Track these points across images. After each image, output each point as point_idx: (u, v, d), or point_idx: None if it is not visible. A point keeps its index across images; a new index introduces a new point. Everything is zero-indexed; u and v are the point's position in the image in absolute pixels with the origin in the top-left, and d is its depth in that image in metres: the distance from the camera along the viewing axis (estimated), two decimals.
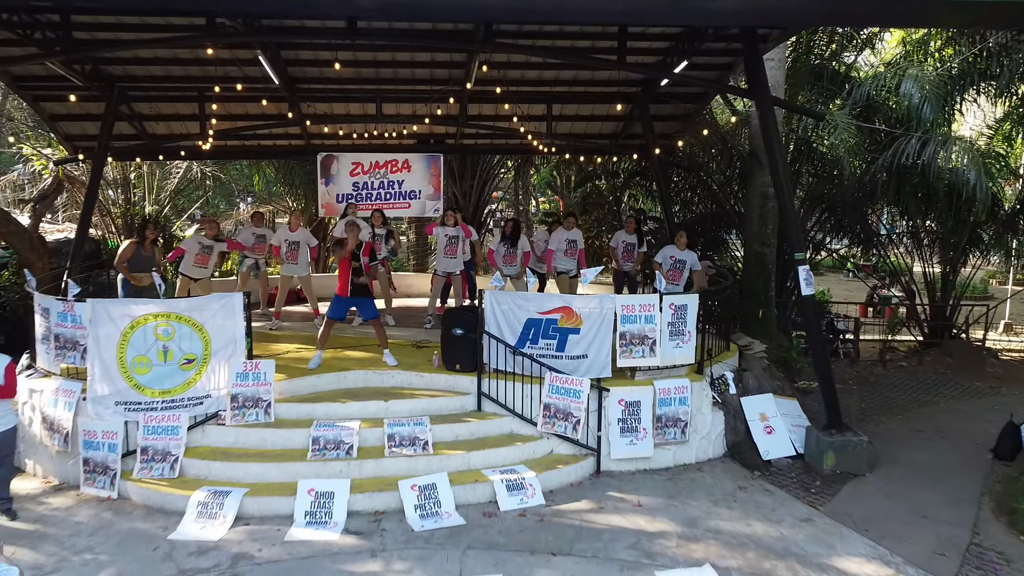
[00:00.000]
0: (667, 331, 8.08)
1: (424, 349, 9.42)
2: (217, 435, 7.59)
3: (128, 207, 15.45)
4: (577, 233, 11.10)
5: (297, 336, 10.31)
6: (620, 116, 13.11)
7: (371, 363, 8.82)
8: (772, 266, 12.27)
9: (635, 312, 7.97)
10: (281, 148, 13.57)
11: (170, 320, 7.53)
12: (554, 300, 8.06)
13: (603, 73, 11.59)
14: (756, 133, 12.05)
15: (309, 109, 12.20)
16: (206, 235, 10.26)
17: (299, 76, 11.37)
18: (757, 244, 12.15)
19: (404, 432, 7.52)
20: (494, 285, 8.24)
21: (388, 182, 12.64)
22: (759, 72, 7.88)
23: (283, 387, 8.07)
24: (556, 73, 11.57)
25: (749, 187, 12.22)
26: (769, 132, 7.85)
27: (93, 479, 7.29)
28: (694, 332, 8.25)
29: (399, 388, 8.41)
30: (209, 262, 10.29)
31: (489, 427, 7.92)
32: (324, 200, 12.56)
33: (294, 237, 10.58)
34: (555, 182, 43.62)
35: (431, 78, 11.38)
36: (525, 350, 8.07)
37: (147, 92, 11.65)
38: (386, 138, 12.32)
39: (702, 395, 8.31)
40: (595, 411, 7.84)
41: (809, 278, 8.03)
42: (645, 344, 8.01)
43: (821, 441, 8.04)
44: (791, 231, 8.00)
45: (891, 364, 13.42)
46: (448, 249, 10.59)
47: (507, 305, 8.11)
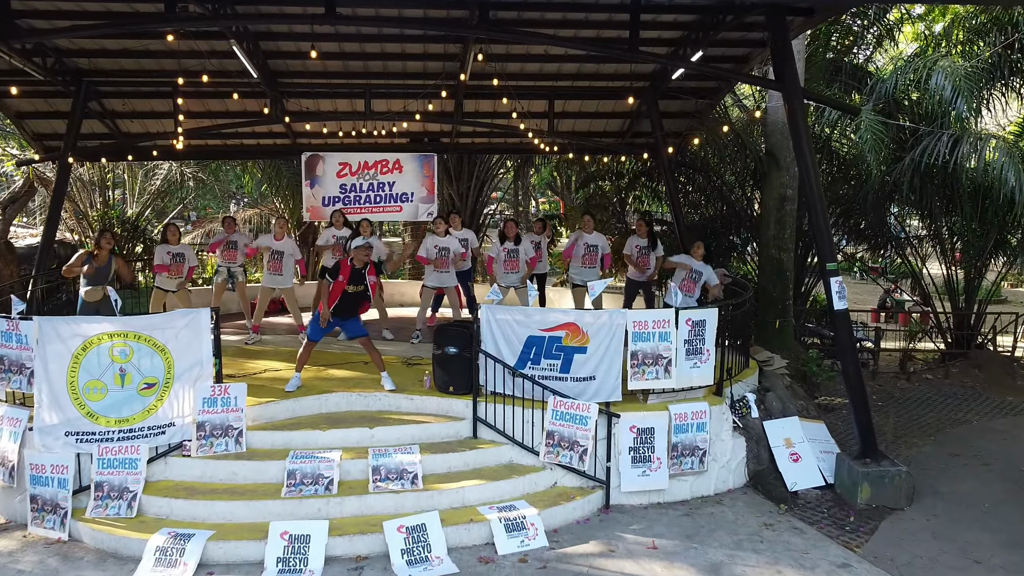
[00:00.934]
0: (683, 350, 7.28)
1: (415, 367, 8.62)
2: (181, 468, 6.78)
3: (106, 210, 14.62)
4: (599, 237, 10.22)
5: (278, 352, 9.49)
6: (626, 113, 12.31)
7: (356, 383, 8.01)
8: (790, 273, 11.48)
9: (648, 329, 7.17)
10: (265, 148, 12.77)
11: (128, 340, 6.72)
12: (558, 316, 7.25)
13: (608, 67, 10.80)
14: (773, 131, 11.25)
15: (294, 105, 11.39)
16: (170, 241, 9.44)
17: (281, 70, 10.57)
18: (774, 249, 11.34)
19: (391, 464, 6.72)
20: (491, 299, 7.43)
21: (378, 184, 11.81)
22: (788, 62, 7.07)
23: (257, 412, 7.27)
24: (558, 66, 10.77)
25: (765, 188, 11.41)
26: (799, 129, 7.04)
27: (42, 518, 6.49)
28: (713, 350, 7.45)
29: (386, 412, 7.60)
30: (183, 271, 9.48)
31: (486, 457, 7.12)
32: (309, 203, 11.72)
33: (279, 247, 9.74)
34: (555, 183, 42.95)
35: (424, 71, 10.58)
36: (526, 371, 7.27)
37: (118, 88, 10.85)
38: (375, 136, 11.49)
39: (722, 420, 7.50)
40: (604, 439, 7.04)
41: (842, 290, 7.23)
42: (659, 364, 7.21)
43: (854, 471, 7.24)
44: (822, 238, 7.20)
45: (915, 376, 12.61)
46: (439, 261, 9.74)
47: (506, 321, 7.30)
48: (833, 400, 11.06)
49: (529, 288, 7.42)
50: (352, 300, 7.73)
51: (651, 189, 16.40)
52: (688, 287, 8.99)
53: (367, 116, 10.94)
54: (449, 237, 9.75)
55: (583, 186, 16.17)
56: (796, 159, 7.76)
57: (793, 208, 11.35)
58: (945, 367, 12.80)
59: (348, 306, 7.75)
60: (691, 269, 9.11)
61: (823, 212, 7.14)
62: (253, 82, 10.19)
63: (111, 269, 8.28)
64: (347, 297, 7.70)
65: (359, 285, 7.73)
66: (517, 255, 9.86)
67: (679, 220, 11.38)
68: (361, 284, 7.74)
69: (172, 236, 9.45)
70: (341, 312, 7.76)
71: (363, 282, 7.75)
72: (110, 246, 8.29)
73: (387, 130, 11.68)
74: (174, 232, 9.50)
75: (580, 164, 16.91)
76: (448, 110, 11.69)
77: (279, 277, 9.75)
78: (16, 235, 15.18)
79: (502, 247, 9.83)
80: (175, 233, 9.51)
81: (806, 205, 7.36)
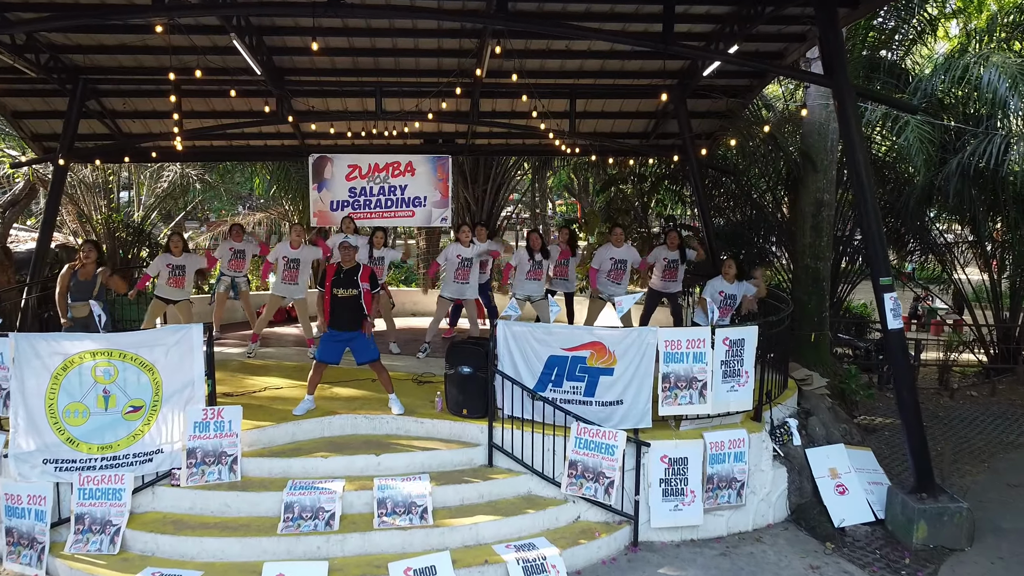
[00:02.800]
0: (720, 371, 6.63)
1: (426, 386, 8.00)
2: (170, 499, 6.21)
3: (111, 213, 14.13)
4: (629, 251, 9.44)
5: (281, 366, 8.91)
6: (651, 113, 11.65)
7: (362, 404, 7.41)
8: (826, 283, 10.77)
9: (681, 349, 6.52)
10: (272, 149, 12.19)
11: (112, 359, 6.15)
12: (582, 334, 6.61)
13: (634, 63, 10.14)
14: (810, 131, 10.56)
15: (302, 105, 10.83)
16: (173, 252, 8.86)
17: (287, 67, 10.00)
18: (809, 258, 10.64)
19: (398, 496, 6.11)
20: (509, 314, 6.80)
21: (389, 187, 11.19)
22: (839, 55, 6.39)
23: (254, 437, 6.69)
24: (580, 63, 10.12)
25: (800, 193, 10.71)
26: (850, 129, 6.36)
27: (17, 553, 5.94)
28: (752, 372, 6.79)
29: (394, 437, 7.00)
30: (185, 283, 8.91)
31: (502, 488, 6.49)
32: (316, 208, 11.12)
33: (295, 255, 9.10)
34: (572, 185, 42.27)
35: (438, 69, 9.97)
36: (546, 394, 6.64)
37: (118, 86, 10.32)
38: (387, 137, 10.88)
39: (761, 448, 6.84)
40: (632, 469, 6.41)
41: (897, 308, 6.55)
42: (693, 388, 6.55)
43: (909, 507, 6.55)
44: (876, 249, 6.50)
45: (958, 393, 11.85)
46: (459, 273, 9.13)
47: (525, 338, 6.68)
48: (873, 420, 10.35)
49: (551, 304, 6.74)
50: (344, 307, 7.05)
51: (674, 193, 15.74)
52: (722, 313, 8.27)
53: (378, 116, 10.34)
54: (473, 247, 9.13)
55: (604, 189, 15.49)
56: (848, 162, 7.09)
57: (830, 214, 10.65)
58: (991, 383, 12.03)
59: (343, 315, 7.06)
60: (724, 294, 8.30)
61: (877, 220, 6.46)
62: (258, 80, 9.63)
63: (97, 282, 7.70)
64: (338, 303, 7.04)
65: (349, 289, 7.06)
66: (543, 266, 9.22)
67: (709, 226, 10.69)
68: (352, 288, 7.07)
69: (175, 246, 8.84)
70: (339, 323, 7.09)
71: (353, 286, 7.08)
72: (93, 257, 7.70)
73: (399, 131, 11.08)
74: (177, 243, 8.88)
75: (601, 166, 16.25)
76: (463, 109, 11.09)
77: (293, 287, 9.13)
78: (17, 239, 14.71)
79: (529, 258, 9.16)
80: (178, 244, 8.90)
81: (858, 212, 6.69)
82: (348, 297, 7.03)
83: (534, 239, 9.21)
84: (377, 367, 7.20)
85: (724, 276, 8.32)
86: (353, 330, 7.08)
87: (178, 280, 8.82)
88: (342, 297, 7.01)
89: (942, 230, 14.46)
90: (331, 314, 7.05)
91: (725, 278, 8.31)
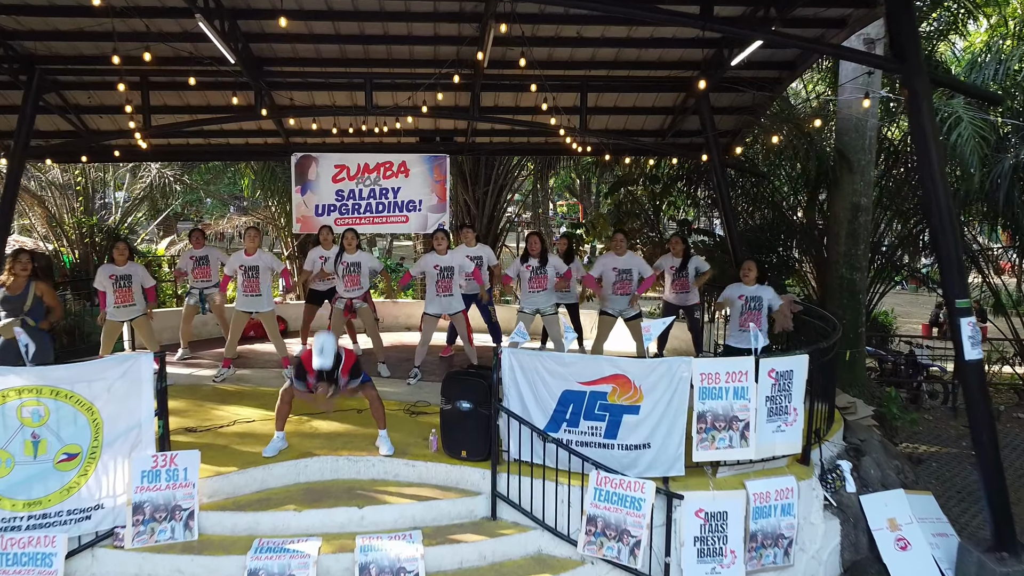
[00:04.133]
0: (764, 409, 5.62)
1: (420, 419, 6.99)
2: (112, 563, 5.21)
3: (83, 217, 13.11)
4: (632, 259, 8.33)
5: (256, 393, 7.86)
6: (668, 108, 10.64)
7: (345, 442, 6.40)
8: (863, 295, 9.80)
9: (720, 383, 5.52)
10: (254, 148, 11.13)
11: (42, 397, 5.15)
12: (602, 365, 5.60)
13: (652, 52, 9.14)
14: (846, 128, 9.60)
15: (285, 99, 9.82)
16: (116, 262, 7.83)
17: (267, 55, 8.99)
18: (844, 268, 9.67)
19: (384, 560, 5.12)
20: (516, 340, 5.78)
21: (380, 190, 10.16)
22: (911, 37, 5.39)
23: (215, 486, 5.68)
24: (592, 52, 9.12)
25: (834, 196, 9.75)
26: (924, 123, 5.34)
27: None
28: (801, 409, 5.79)
29: (381, 483, 5.99)
30: (133, 295, 7.84)
31: (508, 546, 5.50)
32: (300, 213, 10.07)
33: (251, 262, 8.11)
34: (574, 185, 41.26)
35: (435, 58, 8.96)
36: (560, 435, 5.65)
37: (80, 77, 9.32)
38: (378, 134, 9.83)
39: (811, 497, 5.85)
40: (661, 526, 5.42)
41: (976, 335, 5.55)
42: (734, 429, 5.55)
43: (987, 569, 5.56)
44: (951, 266, 5.50)
45: (1003, 416, 10.86)
46: (440, 284, 8.06)
47: (535, 371, 5.68)
48: (917, 448, 9.37)
49: (565, 330, 5.71)
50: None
51: (688, 194, 14.74)
52: (753, 319, 7.31)
53: (368, 111, 9.32)
54: (452, 254, 8.07)
55: (612, 191, 14.48)
56: (920, 163, 6.06)
57: (867, 219, 9.69)
58: None
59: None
60: (746, 298, 7.38)
61: (953, 232, 5.47)
62: (234, 71, 8.62)
63: (28, 299, 6.62)
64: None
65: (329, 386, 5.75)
66: (544, 272, 8.19)
67: (733, 232, 9.66)
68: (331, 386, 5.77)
69: (118, 254, 7.80)
70: None
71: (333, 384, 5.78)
72: (26, 272, 6.64)
73: (391, 128, 10.06)
74: (121, 250, 7.83)
75: (607, 167, 15.25)
76: (463, 104, 10.09)
77: (255, 299, 8.08)
78: None
79: (524, 265, 8.16)
80: (122, 251, 7.84)
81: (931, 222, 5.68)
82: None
83: (533, 243, 8.19)
84: (370, 392, 6.15)
85: (744, 279, 7.43)
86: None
87: (124, 294, 7.74)
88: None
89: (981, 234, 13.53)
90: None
91: (745, 281, 7.43)
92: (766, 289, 7.48)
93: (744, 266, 7.52)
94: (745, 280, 7.48)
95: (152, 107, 9.75)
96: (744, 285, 7.46)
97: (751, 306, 7.41)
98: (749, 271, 7.48)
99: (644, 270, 8.27)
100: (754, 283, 7.46)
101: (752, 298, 7.41)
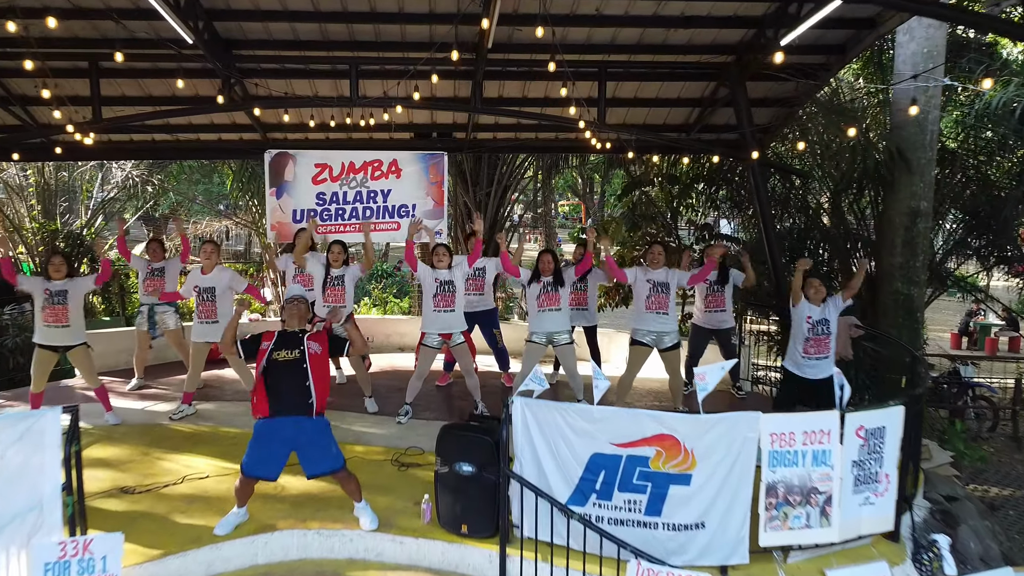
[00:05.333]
0: (851, 476, 4.40)
1: (411, 473, 5.75)
2: None
3: (44, 222, 11.86)
4: (670, 273, 6.93)
5: (217, 435, 6.60)
6: (695, 100, 9.41)
7: (316, 510, 5.15)
8: (921, 314, 8.57)
9: (795, 445, 4.29)
10: (229, 145, 9.79)
11: None
12: (643, 422, 4.35)
13: (681, 33, 7.90)
14: (903, 122, 8.37)
15: (262, 89, 8.55)
16: (51, 275, 6.53)
17: (236, 36, 7.74)
18: (900, 281, 8.46)
19: None
20: (531, 387, 4.52)
21: (368, 192, 8.87)
22: None
23: (149, 573, 4.44)
24: (613, 33, 7.89)
25: (889, 200, 8.53)
26: None
27: None
28: (894, 474, 4.56)
29: (360, 565, 4.76)
30: (70, 316, 6.55)
31: None
32: (275, 218, 8.75)
33: (208, 282, 6.86)
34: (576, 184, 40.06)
35: (430, 39, 7.71)
36: (588, 510, 4.42)
37: (15, 62, 8.04)
38: (365, 128, 8.53)
39: None
40: None
41: None
42: (812, 503, 4.33)
43: None
44: None
45: None
46: (439, 299, 6.78)
47: (555, 427, 4.45)
48: (988, 491, 8.13)
49: (596, 376, 4.46)
50: (282, 377, 4.69)
51: (707, 196, 13.51)
52: (819, 347, 6.09)
53: (355, 102, 8.06)
54: (453, 271, 6.79)
55: (627, 192, 13.22)
56: None
57: (927, 227, 8.47)
58: None
59: (281, 389, 4.68)
60: (813, 320, 6.17)
61: None
62: (196, 54, 7.39)
63: None
64: (274, 371, 4.69)
65: (291, 351, 4.73)
66: (557, 290, 6.94)
67: (772, 240, 8.40)
68: (294, 350, 4.74)
69: (54, 270, 6.49)
70: (276, 403, 4.67)
71: (296, 346, 4.76)
72: None
73: (380, 121, 8.78)
74: (58, 266, 6.51)
75: (622, 165, 14.01)
76: (463, 95, 8.85)
77: (213, 325, 6.82)
78: None
79: (537, 282, 6.92)
80: (60, 265, 6.51)
81: None
82: (288, 362, 4.73)
83: (546, 263, 6.90)
84: (341, 476, 4.88)
85: (809, 298, 6.20)
86: (298, 413, 4.75)
87: (57, 312, 6.41)
88: (281, 362, 4.71)
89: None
90: (266, 393, 4.72)
91: (812, 300, 6.20)
92: (832, 307, 6.24)
93: (809, 284, 6.24)
94: (811, 298, 6.21)
95: (107, 98, 8.54)
96: (811, 305, 6.20)
97: (822, 331, 6.17)
98: (817, 290, 6.21)
99: (682, 280, 7.00)
100: (821, 302, 6.21)
101: (820, 322, 6.16)
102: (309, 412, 4.67)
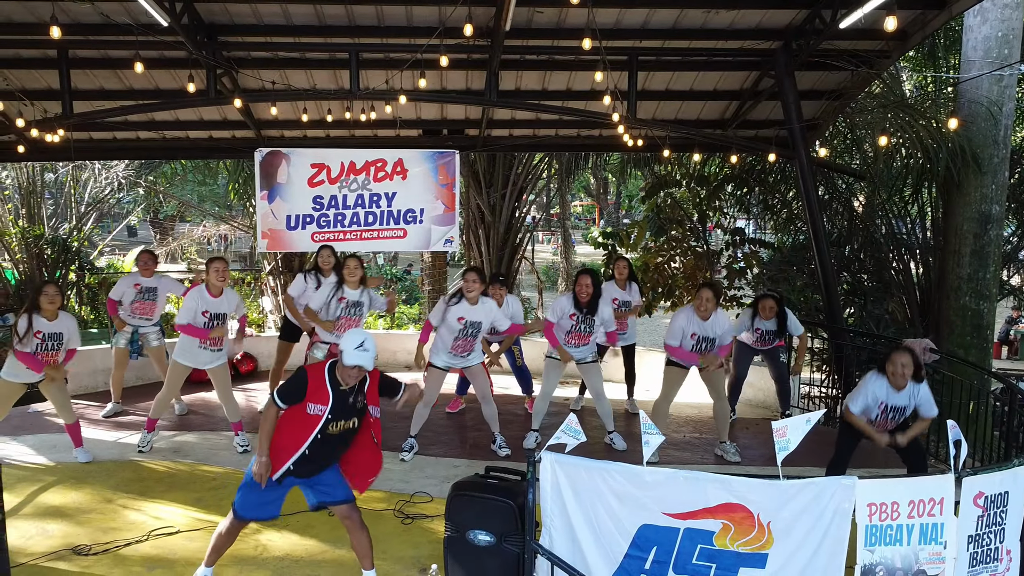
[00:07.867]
0: (966, 555, 3.50)
1: (417, 527, 4.87)
2: None
3: (28, 228, 11.08)
4: (719, 322, 5.97)
5: (195, 474, 5.75)
6: (734, 93, 8.55)
7: (307, 570, 4.28)
8: (991, 331, 7.65)
9: (899, 518, 3.40)
10: (220, 143, 8.95)
11: None
12: (706, 488, 3.45)
13: (723, 15, 7.03)
14: (972, 116, 7.43)
15: (253, 81, 7.73)
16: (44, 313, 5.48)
17: (221, 20, 6.94)
18: (968, 295, 7.55)
19: None
20: (565, 439, 3.63)
21: (371, 196, 7.98)
22: None
23: None
24: (646, 15, 7.02)
25: (955, 204, 7.62)
26: None
27: None
28: (1017, 550, 3.66)
29: None
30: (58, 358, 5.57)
31: None
32: (267, 225, 7.84)
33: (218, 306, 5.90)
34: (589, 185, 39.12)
35: (439, 23, 6.85)
36: None
37: None
38: (366, 123, 7.67)
39: None
40: None
41: None
42: None
43: None
44: None
45: None
46: (458, 344, 5.92)
47: (594, 491, 3.56)
48: None
49: (646, 432, 3.57)
50: (331, 446, 3.84)
51: (737, 198, 12.59)
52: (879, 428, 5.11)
53: (354, 94, 7.22)
54: (478, 308, 5.89)
55: (651, 195, 12.30)
56: None
57: (999, 233, 7.54)
58: None
59: (322, 453, 3.83)
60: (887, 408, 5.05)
61: None
62: (176, 41, 6.57)
63: None
64: (324, 442, 3.79)
65: (348, 420, 3.83)
66: (588, 329, 6.08)
67: (824, 255, 7.49)
68: (352, 419, 3.84)
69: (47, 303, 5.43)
70: (307, 464, 3.82)
71: (356, 415, 3.85)
72: None
73: (381, 116, 7.93)
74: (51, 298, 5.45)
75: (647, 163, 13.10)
76: (477, 87, 8.00)
77: (214, 352, 5.90)
78: None
79: (570, 313, 6.04)
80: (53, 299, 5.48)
81: None
82: (343, 433, 3.83)
83: (583, 287, 5.98)
84: (351, 520, 3.96)
85: (892, 377, 4.88)
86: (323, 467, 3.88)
87: (48, 357, 5.57)
88: (333, 434, 3.79)
89: None
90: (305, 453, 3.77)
91: (893, 381, 4.88)
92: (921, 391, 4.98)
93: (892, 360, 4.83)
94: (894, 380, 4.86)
95: (82, 91, 7.77)
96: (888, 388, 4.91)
97: (893, 418, 5.13)
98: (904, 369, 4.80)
99: (727, 338, 6.06)
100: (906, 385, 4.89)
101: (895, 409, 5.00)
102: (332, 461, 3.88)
